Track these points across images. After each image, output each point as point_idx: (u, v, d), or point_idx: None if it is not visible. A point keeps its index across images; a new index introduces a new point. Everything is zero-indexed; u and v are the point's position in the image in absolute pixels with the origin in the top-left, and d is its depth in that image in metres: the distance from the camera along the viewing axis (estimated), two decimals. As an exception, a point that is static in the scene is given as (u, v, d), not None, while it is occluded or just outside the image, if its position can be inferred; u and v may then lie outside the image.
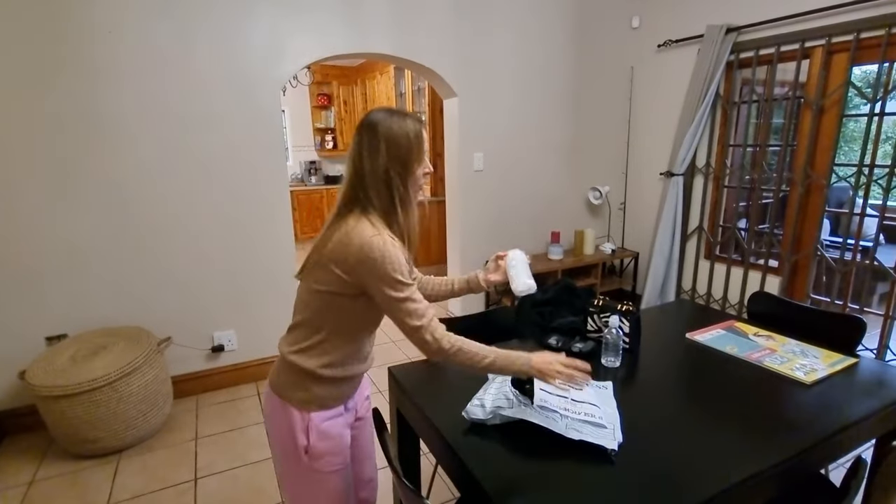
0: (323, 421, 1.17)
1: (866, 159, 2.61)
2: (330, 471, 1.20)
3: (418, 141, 1.10)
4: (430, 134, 4.87)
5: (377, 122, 1.09)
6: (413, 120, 1.11)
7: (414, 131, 1.10)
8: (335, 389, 1.18)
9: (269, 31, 2.64)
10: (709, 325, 1.84)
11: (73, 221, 2.40)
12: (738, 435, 1.20)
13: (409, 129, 1.09)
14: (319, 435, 1.16)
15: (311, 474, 1.19)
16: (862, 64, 2.67)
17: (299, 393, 1.15)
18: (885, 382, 1.44)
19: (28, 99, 2.23)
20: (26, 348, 2.36)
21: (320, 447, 1.17)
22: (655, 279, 3.66)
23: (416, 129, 1.10)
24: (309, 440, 1.15)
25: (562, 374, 1.11)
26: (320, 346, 1.14)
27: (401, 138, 1.08)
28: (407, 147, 1.09)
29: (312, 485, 1.20)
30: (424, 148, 1.12)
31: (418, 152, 1.10)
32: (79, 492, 2.04)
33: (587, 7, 3.61)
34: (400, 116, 1.10)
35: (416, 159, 1.11)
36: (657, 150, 3.74)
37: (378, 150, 1.08)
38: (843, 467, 1.97)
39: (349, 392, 1.24)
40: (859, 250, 2.75)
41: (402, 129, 1.09)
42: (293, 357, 1.15)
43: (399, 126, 1.09)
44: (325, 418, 1.17)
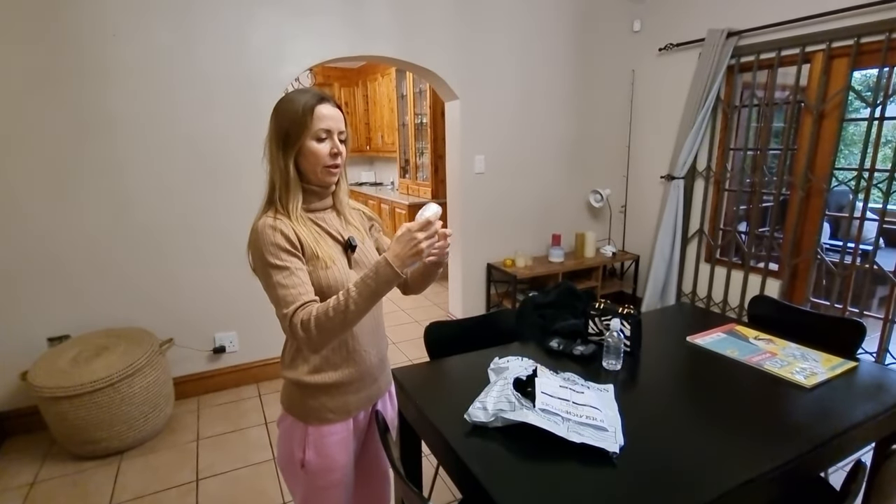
0: (323, 437, 1.14)
1: (866, 163, 2.62)
2: (325, 486, 1.17)
3: (304, 114, 1.04)
4: (431, 136, 4.88)
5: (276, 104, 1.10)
6: (311, 95, 1.06)
7: (304, 105, 1.04)
8: (330, 400, 1.14)
9: (272, 34, 2.65)
10: (709, 329, 1.85)
11: (75, 222, 2.41)
12: (739, 438, 1.20)
13: (298, 104, 1.05)
14: (317, 451, 1.14)
15: (308, 486, 1.17)
16: (862, 69, 2.68)
17: (296, 407, 1.15)
18: (884, 386, 1.44)
19: (32, 101, 2.24)
20: (28, 349, 2.37)
21: (316, 463, 1.14)
22: (656, 282, 3.66)
23: (306, 103, 1.04)
24: (305, 454, 1.14)
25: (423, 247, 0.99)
26: (299, 353, 1.14)
27: (286, 112, 1.06)
28: (291, 120, 1.05)
29: (311, 496, 1.19)
30: (317, 123, 1.05)
31: (301, 126, 1.04)
32: (80, 493, 2.05)
33: (588, 10, 3.62)
34: (298, 93, 1.08)
35: (301, 132, 1.04)
36: (658, 154, 3.75)
37: (269, 128, 1.09)
38: (843, 471, 1.98)
39: (354, 403, 1.18)
40: (859, 254, 2.75)
41: (291, 104, 1.06)
42: (284, 372, 1.17)
43: (288, 101, 1.07)
44: (325, 434, 1.14)
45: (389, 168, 6.74)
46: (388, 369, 1.33)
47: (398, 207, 5.16)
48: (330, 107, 1.08)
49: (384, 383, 1.30)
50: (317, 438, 1.14)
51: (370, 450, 1.34)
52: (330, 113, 1.07)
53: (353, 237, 1.17)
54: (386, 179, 6.96)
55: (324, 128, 1.06)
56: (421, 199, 5.12)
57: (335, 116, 1.08)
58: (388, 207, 5.42)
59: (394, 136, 5.80)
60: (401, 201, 5.08)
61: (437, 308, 4.28)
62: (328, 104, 1.08)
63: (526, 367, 1.38)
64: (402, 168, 5.77)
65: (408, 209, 4.93)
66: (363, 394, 1.20)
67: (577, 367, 1.55)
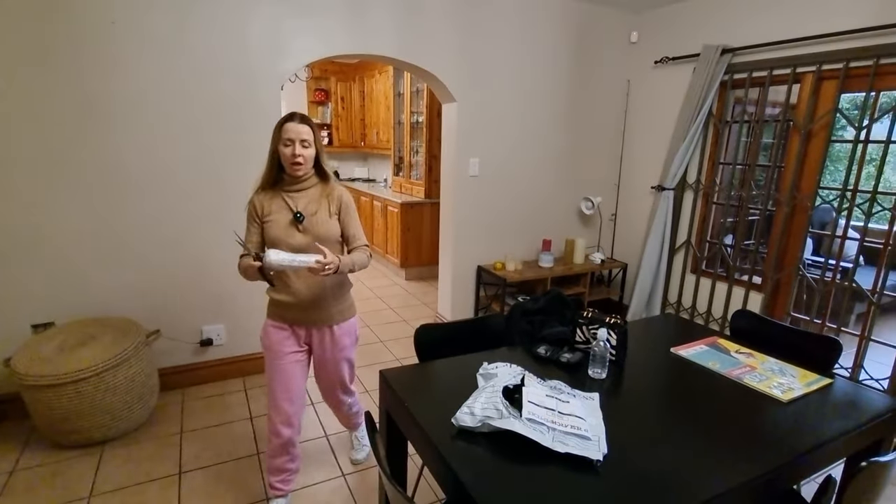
0: (267, 325, 1.82)
1: (850, 183, 2.69)
2: (268, 359, 1.81)
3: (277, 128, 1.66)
4: (426, 136, 4.89)
5: None
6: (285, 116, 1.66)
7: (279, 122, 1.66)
8: (273, 307, 1.80)
9: (271, 29, 2.65)
10: (693, 341, 1.90)
11: (64, 209, 2.38)
12: (717, 449, 1.25)
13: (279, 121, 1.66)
14: (265, 332, 1.82)
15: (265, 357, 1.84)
16: (850, 92, 2.75)
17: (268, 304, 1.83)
18: (856, 404, 1.50)
19: (22, 87, 2.21)
20: (11, 335, 2.34)
21: (265, 343, 1.82)
22: (642, 291, 3.72)
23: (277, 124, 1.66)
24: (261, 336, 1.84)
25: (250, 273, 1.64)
26: None
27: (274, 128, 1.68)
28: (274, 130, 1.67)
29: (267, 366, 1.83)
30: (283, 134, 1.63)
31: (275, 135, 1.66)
32: (61, 482, 2.03)
33: (587, 20, 3.66)
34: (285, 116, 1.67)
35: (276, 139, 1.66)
36: (649, 164, 3.81)
37: None
38: (815, 482, 2.04)
39: (288, 316, 1.78)
40: (839, 271, 2.83)
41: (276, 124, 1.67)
42: None
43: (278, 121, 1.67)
44: (271, 324, 1.81)
45: (383, 165, 6.73)
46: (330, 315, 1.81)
47: (391, 205, 5.17)
48: (294, 123, 1.63)
49: (317, 318, 1.80)
50: (267, 326, 1.82)
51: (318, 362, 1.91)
52: (293, 127, 1.63)
53: (300, 212, 1.68)
54: (379, 176, 6.95)
55: (287, 138, 1.63)
56: (414, 197, 5.13)
57: (297, 129, 1.63)
58: (381, 204, 5.42)
59: (389, 134, 5.80)
60: (393, 199, 5.08)
61: (426, 308, 4.30)
62: (293, 122, 1.64)
63: (514, 374, 1.41)
64: (395, 166, 5.77)
65: (400, 207, 4.94)
66: (293, 315, 1.78)
67: (563, 375, 1.58)
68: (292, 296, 1.74)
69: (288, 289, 1.74)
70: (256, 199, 1.71)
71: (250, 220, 1.72)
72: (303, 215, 1.68)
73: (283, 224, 1.68)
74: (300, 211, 1.68)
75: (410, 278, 5.16)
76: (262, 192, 1.71)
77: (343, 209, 1.77)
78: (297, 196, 1.71)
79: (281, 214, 1.68)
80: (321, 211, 1.72)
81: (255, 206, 1.71)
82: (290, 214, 1.68)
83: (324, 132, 6.95)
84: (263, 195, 1.71)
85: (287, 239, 1.66)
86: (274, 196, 1.70)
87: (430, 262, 5.05)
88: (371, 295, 4.66)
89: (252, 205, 1.72)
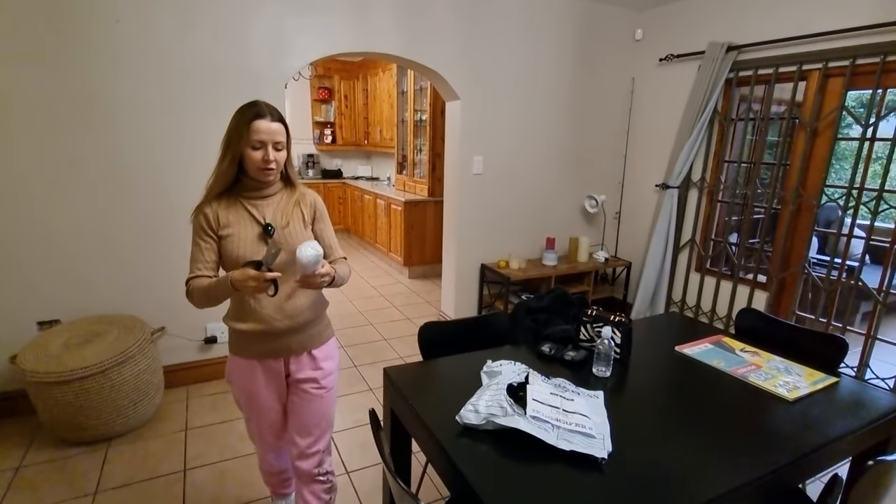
0: (236, 363, 1.50)
1: (856, 181, 2.68)
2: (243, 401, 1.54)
3: (242, 126, 1.31)
4: (430, 134, 4.89)
5: None
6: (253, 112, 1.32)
7: (245, 118, 1.31)
8: (241, 340, 1.47)
9: (275, 27, 2.65)
10: (697, 339, 1.89)
11: (69, 208, 2.40)
12: (722, 448, 1.24)
13: (243, 117, 1.32)
14: (232, 372, 1.53)
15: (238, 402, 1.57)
16: (856, 89, 2.73)
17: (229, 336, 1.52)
18: (863, 403, 1.49)
19: (26, 86, 2.22)
20: (17, 333, 2.35)
21: (234, 384, 1.54)
22: (646, 289, 3.71)
23: (246, 118, 1.31)
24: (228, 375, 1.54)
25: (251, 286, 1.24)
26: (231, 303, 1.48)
27: (233, 121, 1.35)
28: (234, 129, 1.33)
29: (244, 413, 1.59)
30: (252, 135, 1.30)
31: (239, 136, 1.31)
32: (67, 478, 2.04)
33: (592, 17, 3.65)
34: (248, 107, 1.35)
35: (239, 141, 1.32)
36: (654, 162, 3.80)
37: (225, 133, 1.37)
38: (820, 482, 2.03)
39: (255, 350, 1.46)
40: (845, 270, 2.82)
41: (238, 115, 1.34)
42: None
43: (238, 112, 1.35)
44: (233, 361, 1.51)
45: (387, 163, 6.74)
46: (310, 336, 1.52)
47: (394, 204, 5.17)
48: (266, 122, 1.32)
49: (297, 345, 1.49)
50: (232, 364, 1.52)
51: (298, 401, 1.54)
52: (265, 127, 1.32)
53: (271, 224, 1.40)
54: (383, 175, 6.95)
55: (258, 139, 1.32)
56: (417, 195, 5.13)
57: (270, 130, 1.33)
58: (385, 203, 5.42)
59: (392, 132, 5.80)
60: (397, 197, 5.08)
61: (430, 306, 4.31)
62: (265, 119, 1.32)
63: (518, 372, 1.41)
64: (399, 164, 5.77)
65: (403, 205, 4.94)
66: (265, 347, 1.46)
67: (567, 373, 1.58)
68: (262, 322, 1.41)
69: (255, 315, 1.41)
70: (208, 209, 1.37)
71: (200, 235, 1.37)
72: (273, 227, 1.39)
73: (249, 239, 1.38)
74: (269, 223, 1.40)
75: (414, 277, 5.17)
76: (214, 200, 1.39)
77: (318, 217, 1.53)
78: (261, 204, 1.41)
79: (243, 227, 1.38)
80: (294, 222, 1.44)
81: (208, 216, 1.36)
82: (257, 227, 1.39)
83: (327, 130, 6.97)
84: (217, 203, 1.38)
85: (255, 257, 1.33)
86: (231, 205, 1.39)
87: (434, 260, 5.05)
88: (375, 293, 4.66)
89: (202, 215, 1.36)
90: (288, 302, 1.44)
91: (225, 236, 1.37)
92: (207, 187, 1.40)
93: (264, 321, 1.42)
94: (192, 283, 1.36)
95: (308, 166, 6.88)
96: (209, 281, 1.33)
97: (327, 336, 1.58)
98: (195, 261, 1.37)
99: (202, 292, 1.33)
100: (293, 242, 1.38)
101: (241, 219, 1.39)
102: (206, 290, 1.33)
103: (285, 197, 1.46)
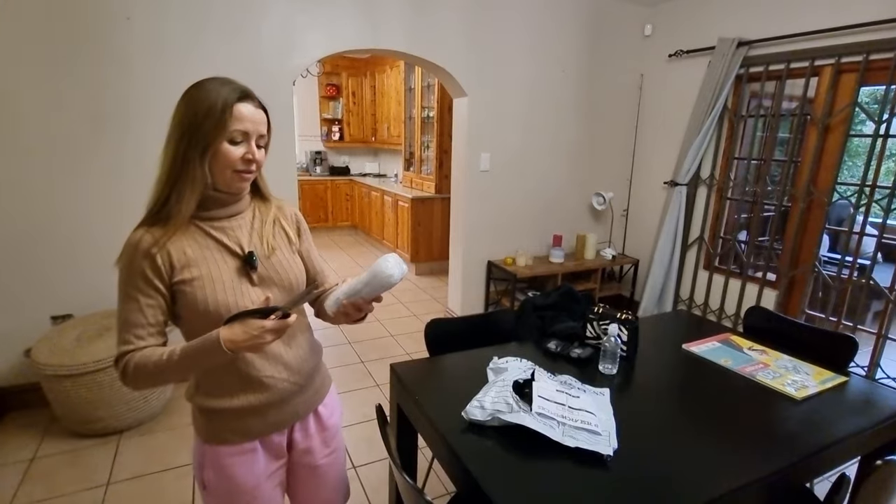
0: (221, 457, 1.03)
1: (868, 178, 2.64)
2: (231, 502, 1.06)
3: (223, 110, 0.91)
4: (437, 130, 4.89)
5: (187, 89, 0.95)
6: (231, 89, 0.93)
7: (223, 100, 0.91)
8: (229, 422, 1.02)
9: (284, 25, 2.66)
10: (705, 337, 1.88)
11: (81, 203, 2.43)
12: (729, 446, 1.24)
13: (217, 97, 0.91)
14: (216, 470, 1.03)
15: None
16: (870, 85, 2.69)
17: (198, 425, 1.05)
18: (872, 402, 1.48)
19: (41, 81, 2.25)
20: (31, 326, 2.40)
21: (217, 484, 1.04)
22: (654, 287, 3.69)
23: (226, 99, 0.91)
24: (204, 474, 1.04)
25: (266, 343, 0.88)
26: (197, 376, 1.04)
27: (200, 103, 0.91)
28: (205, 114, 0.90)
29: None
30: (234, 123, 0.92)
31: (216, 123, 0.90)
32: (80, 470, 2.08)
33: (601, 13, 3.62)
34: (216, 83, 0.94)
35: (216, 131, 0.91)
36: (662, 159, 3.77)
37: (174, 118, 0.94)
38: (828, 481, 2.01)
39: (257, 428, 1.05)
40: (856, 268, 2.78)
41: (207, 94, 0.92)
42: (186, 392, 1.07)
43: (204, 91, 0.93)
44: (224, 454, 1.03)
45: (394, 160, 6.74)
46: (316, 391, 1.15)
47: (401, 200, 5.18)
48: (252, 107, 0.95)
49: (304, 407, 1.12)
50: (215, 458, 1.03)
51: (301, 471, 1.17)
52: (250, 114, 0.94)
53: (254, 252, 1.00)
54: (390, 171, 6.96)
55: (241, 129, 0.93)
56: (424, 192, 5.13)
57: (256, 118, 0.96)
58: (392, 200, 5.43)
59: (400, 129, 5.80)
60: (404, 194, 5.09)
61: (436, 303, 4.32)
62: (250, 103, 0.95)
63: (524, 369, 1.41)
64: (406, 161, 5.78)
65: (411, 202, 4.94)
66: (270, 419, 1.06)
67: (573, 370, 1.58)
68: (263, 390, 1.03)
69: (252, 382, 1.02)
70: (152, 246, 0.93)
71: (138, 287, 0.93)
72: (256, 258, 1.01)
73: (228, 277, 0.97)
74: (251, 253, 1.01)
75: (421, 273, 5.18)
76: (157, 229, 0.94)
77: (304, 236, 1.16)
78: (229, 227, 1.01)
79: (214, 264, 0.97)
80: (280, 248, 1.07)
81: (153, 257, 0.92)
82: (233, 259, 0.99)
83: (335, 127, 6.98)
84: (161, 233, 0.93)
85: (239, 300, 0.97)
86: (187, 233, 0.97)
87: (441, 257, 5.06)
88: (381, 289, 4.67)
89: (144, 256, 0.93)
90: (289, 352, 1.07)
91: (189, 281, 0.94)
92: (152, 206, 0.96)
93: (265, 387, 1.03)
94: (131, 360, 0.91)
95: (316, 163, 6.91)
96: (160, 353, 0.90)
97: (328, 384, 1.22)
98: (133, 326, 0.92)
99: (154, 372, 0.90)
100: (287, 276, 1.05)
101: (209, 252, 0.97)
102: (160, 367, 0.89)
103: (259, 213, 1.07)
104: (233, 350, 0.86)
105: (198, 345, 0.88)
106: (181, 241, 0.95)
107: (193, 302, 0.94)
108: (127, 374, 0.92)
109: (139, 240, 0.93)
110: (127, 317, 0.93)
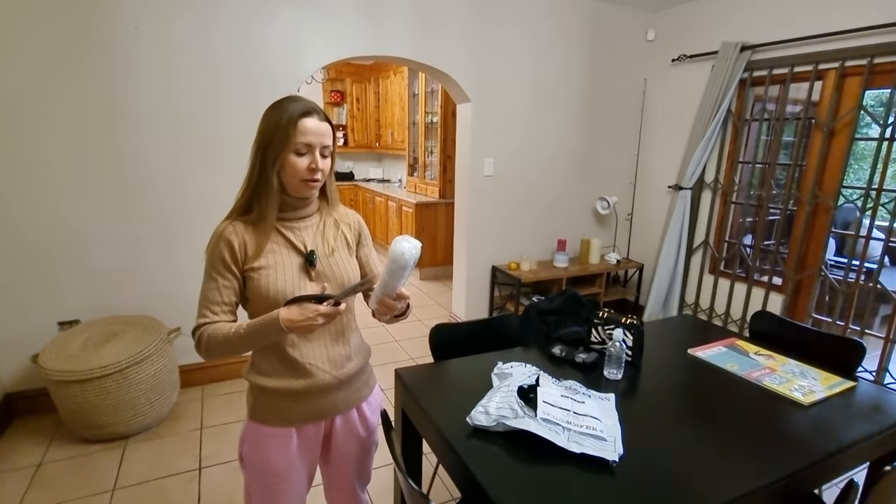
0: (260, 435, 1.16)
1: (874, 182, 2.63)
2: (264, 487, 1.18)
3: (288, 125, 1.04)
4: (441, 137, 4.90)
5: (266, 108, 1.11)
6: (297, 107, 1.06)
7: (288, 116, 1.05)
8: (269, 401, 1.15)
9: (289, 32, 2.68)
10: (711, 342, 1.87)
11: (90, 210, 2.45)
12: (735, 452, 1.23)
13: (283, 114, 1.05)
14: (253, 447, 1.17)
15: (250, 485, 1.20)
16: (875, 89, 2.68)
17: (248, 397, 1.20)
18: (881, 407, 1.46)
19: (46, 91, 2.28)
20: (39, 332, 2.41)
21: (252, 459, 1.17)
22: (659, 291, 3.68)
23: (291, 115, 1.05)
24: (243, 447, 1.19)
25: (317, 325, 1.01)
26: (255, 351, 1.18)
27: (270, 120, 1.07)
28: (274, 129, 1.05)
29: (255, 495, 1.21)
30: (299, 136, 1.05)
31: (283, 138, 1.05)
32: (86, 475, 2.09)
33: (604, 18, 3.63)
34: (287, 102, 1.08)
35: (283, 144, 1.05)
36: (666, 164, 3.77)
37: (256, 133, 1.09)
38: (836, 487, 2.00)
39: (295, 413, 1.16)
40: (863, 272, 2.76)
41: (276, 112, 1.07)
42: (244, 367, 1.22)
43: (274, 109, 1.08)
44: (262, 433, 1.16)
45: (398, 165, 6.77)
46: (357, 390, 1.26)
47: (405, 205, 5.19)
48: (315, 121, 1.07)
49: (343, 402, 1.22)
50: (254, 434, 1.17)
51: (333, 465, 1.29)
52: (314, 127, 1.06)
53: (315, 252, 1.14)
54: (394, 177, 6.98)
55: (305, 142, 1.06)
56: (428, 197, 5.14)
57: (319, 131, 1.07)
58: (396, 205, 5.45)
59: (404, 134, 5.83)
60: (408, 199, 5.11)
61: (441, 308, 4.32)
62: (314, 117, 1.07)
63: (529, 374, 1.41)
64: (410, 166, 5.80)
65: (415, 207, 4.96)
66: (308, 406, 1.16)
67: (578, 375, 1.58)
68: (304, 376, 1.14)
69: (295, 367, 1.14)
70: (234, 236, 1.09)
71: (219, 270, 1.09)
72: (316, 256, 1.14)
73: (291, 271, 1.12)
74: (313, 250, 1.14)
75: (425, 278, 5.18)
76: (240, 223, 1.11)
77: (363, 240, 1.28)
78: (298, 227, 1.15)
79: (282, 257, 1.11)
80: (340, 249, 1.20)
81: (233, 246, 1.08)
82: (298, 256, 1.13)
83: (339, 133, 7.02)
84: (243, 228, 1.10)
85: (296, 291, 1.09)
86: (259, 229, 1.11)
87: (445, 262, 5.06)
88: (386, 294, 4.68)
89: (226, 244, 1.09)
90: (334, 348, 1.19)
91: (258, 269, 1.09)
92: (237, 206, 1.13)
93: (307, 374, 1.14)
94: (206, 332, 1.06)
95: (320, 168, 6.91)
96: (229, 327, 1.05)
97: (373, 385, 1.34)
98: (210, 303, 1.08)
99: (223, 342, 1.05)
100: (340, 274, 1.17)
101: (278, 246, 1.12)
102: (229, 338, 1.04)
103: (325, 217, 1.20)
104: (289, 328, 1.01)
105: (261, 321, 1.03)
106: (256, 236, 1.10)
107: (259, 287, 1.09)
108: (201, 344, 1.07)
109: (223, 230, 1.10)
110: (206, 294, 1.10)
